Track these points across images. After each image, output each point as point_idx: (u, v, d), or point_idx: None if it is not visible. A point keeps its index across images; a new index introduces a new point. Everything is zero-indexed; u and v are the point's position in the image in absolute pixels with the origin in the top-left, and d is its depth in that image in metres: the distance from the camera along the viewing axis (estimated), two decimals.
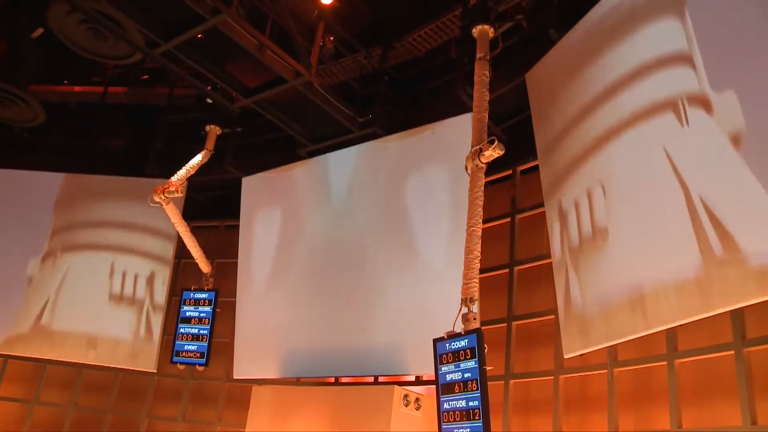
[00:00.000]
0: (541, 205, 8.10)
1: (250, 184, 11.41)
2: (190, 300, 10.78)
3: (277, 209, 10.92)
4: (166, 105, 12.56)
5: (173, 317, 10.89)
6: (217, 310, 10.58)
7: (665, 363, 7.01)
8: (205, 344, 10.40)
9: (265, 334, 10.35)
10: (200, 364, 10.38)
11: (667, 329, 6.50)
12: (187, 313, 10.71)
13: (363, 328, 9.10)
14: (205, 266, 10.85)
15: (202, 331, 10.49)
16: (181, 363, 10.45)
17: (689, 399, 6.77)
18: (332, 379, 9.62)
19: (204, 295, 10.73)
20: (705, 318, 5.70)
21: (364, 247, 9.55)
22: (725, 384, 6.44)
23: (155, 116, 12.77)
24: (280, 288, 10.40)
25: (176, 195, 10.08)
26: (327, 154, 10.58)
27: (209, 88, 10.32)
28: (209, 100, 11.16)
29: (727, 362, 6.45)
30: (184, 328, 10.63)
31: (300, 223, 10.54)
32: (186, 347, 10.47)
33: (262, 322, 10.50)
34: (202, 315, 10.61)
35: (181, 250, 11.52)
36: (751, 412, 6.01)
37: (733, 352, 6.38)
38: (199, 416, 11.59)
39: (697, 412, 6.67)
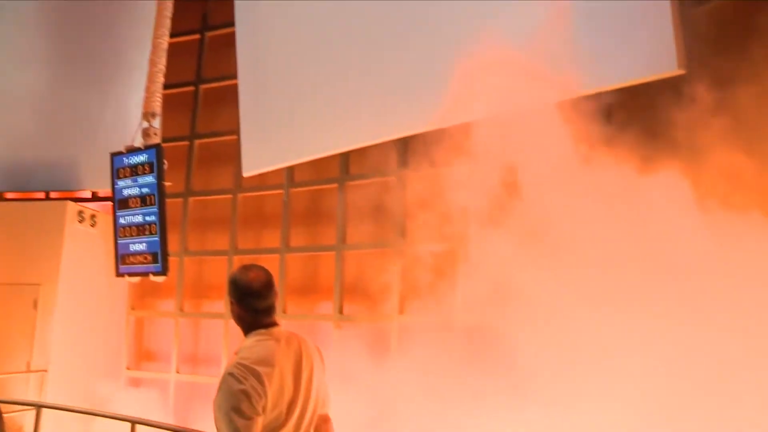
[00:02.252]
0: (233, 24, 7.89)
1: None
2: None
3: None
4: None
5: None
6: None
7: (336, 185, 7.61)
8: None
9: None
10: None
11: (341, 153, 7.05)
12: None
13: (33, 141, 8.34)
14: None
15: None
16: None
17: (355, 218, 7.48)
18: None
19: None
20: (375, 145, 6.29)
21: (43, 58, 8.56)
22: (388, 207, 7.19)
23: None
24: None
25: None
26: None
27: None
28: None
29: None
30: None
31: None
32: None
33: None
34: None
35: None
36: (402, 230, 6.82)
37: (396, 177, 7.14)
38: None
39: (359, 228, 7.42)
